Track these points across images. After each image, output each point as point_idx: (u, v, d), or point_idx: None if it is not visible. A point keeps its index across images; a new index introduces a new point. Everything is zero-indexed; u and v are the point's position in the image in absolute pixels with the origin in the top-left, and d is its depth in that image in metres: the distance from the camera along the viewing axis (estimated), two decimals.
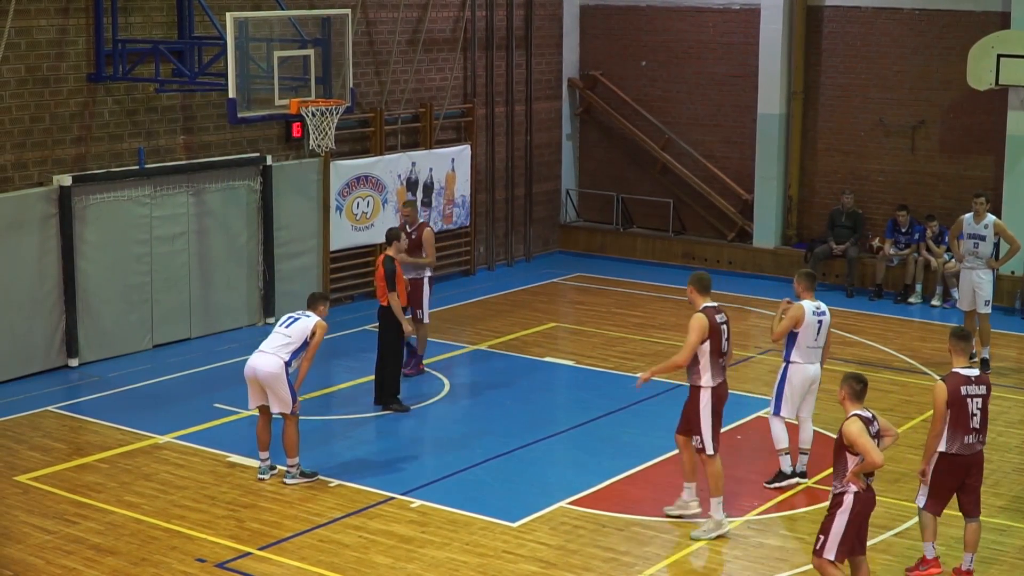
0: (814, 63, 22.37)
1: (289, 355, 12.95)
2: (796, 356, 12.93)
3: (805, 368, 12.94)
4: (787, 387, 12.98)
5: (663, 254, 23.66)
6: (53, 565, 11.32)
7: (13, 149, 16.39)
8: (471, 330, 19.23)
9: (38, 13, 16.44)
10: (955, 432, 10.57)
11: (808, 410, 13.18)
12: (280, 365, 12.89)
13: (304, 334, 13.01)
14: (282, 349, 12.98)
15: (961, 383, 10.60)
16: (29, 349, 16.59)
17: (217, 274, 18.39)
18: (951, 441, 10.61)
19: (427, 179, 21.47)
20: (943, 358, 17.71)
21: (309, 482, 13.10)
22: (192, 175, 18.17)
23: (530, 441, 14.50)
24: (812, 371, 12.99)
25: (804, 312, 12.82)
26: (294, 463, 13.11)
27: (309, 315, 13.21)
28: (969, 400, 10.57)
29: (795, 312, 12.84)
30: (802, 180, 22.76)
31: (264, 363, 12.93)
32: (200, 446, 14.13)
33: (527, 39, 23.41)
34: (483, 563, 11.41)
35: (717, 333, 11.74)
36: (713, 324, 11.75)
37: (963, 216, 17.41)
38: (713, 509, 11.91)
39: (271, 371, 12.88)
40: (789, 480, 13.15)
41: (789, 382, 12.98)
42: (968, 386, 10.59)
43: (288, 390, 12.91)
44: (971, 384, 10.61)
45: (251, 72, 16.41)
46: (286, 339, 13.02)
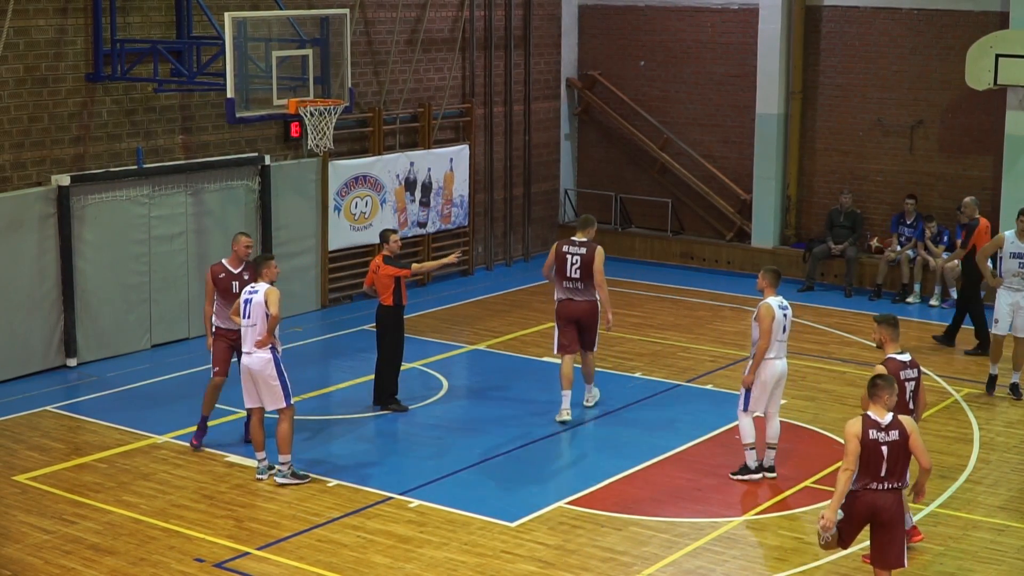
0: (813, 63, 22.37)
1: (269, 345, 12.83)
2: (767, 352, 13.12)
3: (774, 363, 13.16)
4: (756, 383, 13.16)
5: (662, 254, 23.66)
6: (51, 565, 11.32)
7: (11, 149, 16.39)
8: (469, 330, 19.23)
9: (36, 13, 16.44)
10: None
11: (776, 406, 13.36)
12: (267, 360, 12.83)
13: (262, 310, 12.83)
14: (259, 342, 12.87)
15: (899, 368, 10.95)
16: (27, 349, 16.59)
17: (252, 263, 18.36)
18: None
19: (426, 179, 21.46)
20: (944, 358, 17.74)
21: (300, 483, 13.05)
22: (190, 175, 18.17)
23: (528, 441, 14.50)
24: (781, 366, 13.23)
25: (772, 310, 13.07)
26: (286, 460, 13.06)
27: (256, 289, 12.97)
28: (906, 383, 10.98)
29: (765, 312, 13.07)
30: (801, 180, 22.76)
31: (253, 361, 12.90)
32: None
33: (526, 39, 23.41)
34: (481, 563, 11.41)
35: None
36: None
37: (1004, 233, 16.06)
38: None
39: (260, 367, 12.85)
40: (753, 475, 13.33)
41: (758, 378, 13.16)
42: (904, 370, 11.01)
43: (280, 382, 12.87)
44: (906, 368, 11.05)
45: (249, 72, 16.40)
46: (254, 329, 12.91)
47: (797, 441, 14.47)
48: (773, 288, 13.26)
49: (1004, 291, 15.92)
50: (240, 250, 14.01)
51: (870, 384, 9.96)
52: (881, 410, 9.88)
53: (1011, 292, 15.86)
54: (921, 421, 14.93)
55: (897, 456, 9.80)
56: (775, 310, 13.08)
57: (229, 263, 13.99)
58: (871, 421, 9.83)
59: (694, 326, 19.39)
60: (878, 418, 9.84)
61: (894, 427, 9.83)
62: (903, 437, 9.82)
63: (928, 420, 15.15)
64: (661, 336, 18.74)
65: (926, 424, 14.96)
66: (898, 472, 9.83)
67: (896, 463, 9.81)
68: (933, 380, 16.75)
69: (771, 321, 13.02)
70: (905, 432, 9.83)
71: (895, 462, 9.80)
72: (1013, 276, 15.84)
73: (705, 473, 13.54)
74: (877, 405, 9.90)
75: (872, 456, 9.78)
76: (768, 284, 13.26)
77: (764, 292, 13.28)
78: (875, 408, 9.90)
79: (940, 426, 15.03)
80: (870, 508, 9.83)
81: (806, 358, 17.61)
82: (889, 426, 9.82)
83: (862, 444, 9.78)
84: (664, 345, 18.17)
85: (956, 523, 12.29)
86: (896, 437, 9.80)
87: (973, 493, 13.03)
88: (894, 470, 9.81)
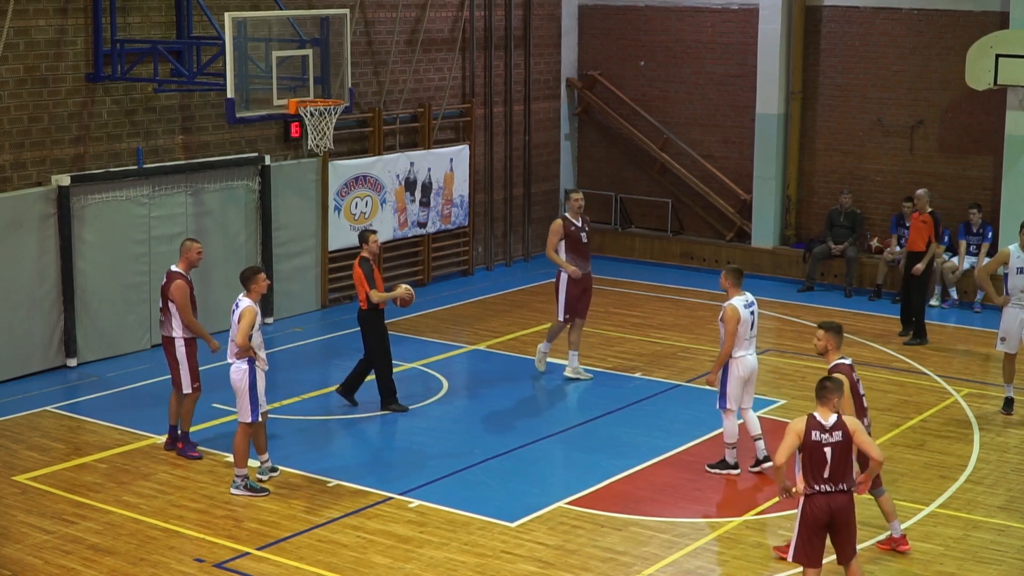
0: (813, 63, 22.37)
1: (246, 357, 12.73)
2: (736, 350, 13.26)
3: (746, 359, 13.32)
4: (731, 380, 13.32)
5: (661, 254, 23.66)
6: (51, 565, 11.32)
7: (11, 149, 16.39)
8: (469, 330, 19.23)
9: (36, 13, 16.44)
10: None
11: (749, 400, 13.54)
12: (243, 371, 12.70)
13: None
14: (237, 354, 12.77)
15: (851, 372, 11.34)
16: (27, 349, 16.59)
17: (215, 274, 18.36)
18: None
19: (425, 179, 21.46)
20: (944, 358, 17.75)
21: (256, 496, 12.82)
22: (190, 175, 18.17)
23: (528, 441, 14.50)
24: (752, 361, 13.43)
25: (738, 311, 13.19)
26: (242, 473, 12.87)
27: (239, 304, 12.85)
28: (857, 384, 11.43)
29: (731, 314, 13.18)
30: (800, 180, 22.76)
31: (231, 371, 12.80)
32: (199, 446, 14.10)
33: (526, 39, 23.41)
34: (481, 563, 11.40)
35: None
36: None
37: (1008, 248, 15.33)
38: None
39: (237, 378, 12.73)
40: (731, 470, 13.49)
41: (732, 375, 13.31)
42: (853, 373, 11.40)
43: (248, 398, 12.71)
44: (853, 372, 11.44)
45: (250, 72, 16.41)
46: (231, 342, 12.83)
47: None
48: (737, 287, 13.38)
49: (1012, 308, 15.23)
50: (192, 256, 13.87)
51: (819, 385, 10.04)
52: (827, 412, 9.95)
53: (1020, 309, 15.19)
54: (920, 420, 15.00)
55: (841, 457, 9.85)
56: (740, 311, 13.22)
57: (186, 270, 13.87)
58: (815, 422, 9.90)
59: (694, 326, 19.38)
60: (822, 419, 9.91)
61: (837, 428, 9.89)
62: (846, 437, 9.87)
63: (928, 420, 15.16)
64: (661, 336, 18.74)
65: (927, 424, 14.98)
66: (842, 473, 9.87)
67: (840, 464, 9.85)
68: (933, 380, 16.76)
69: (736, 323, 13.18)
70: (848, 432, 9.88)
71: (839, 463, 9.85)
72: (1021, 292, 15.14)
73: (705, 473, 13.54)
74: (824, 407, 9.98)
75: (815, 457, 9.84)
76: (732, 283, 13.38)
77: (728, 292, 13.38)
78: (821, 409, 9.98)
79: (940, 426, 15.03)
80: (826, 511, 9.88)
81: (806, 358, 17.60)
82: (833, 427, 9.88)
83: (804, 445, 9.86)
84: (664, 345, 18.17)
85: (956, 523, 12.29)
86: (839, 438, 9.86)
87: (973, 493, 13.03)
88: (838, 471, 9.85)
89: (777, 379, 16.79)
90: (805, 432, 9.85)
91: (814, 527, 9.93)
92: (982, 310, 20.06)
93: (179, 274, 13.78)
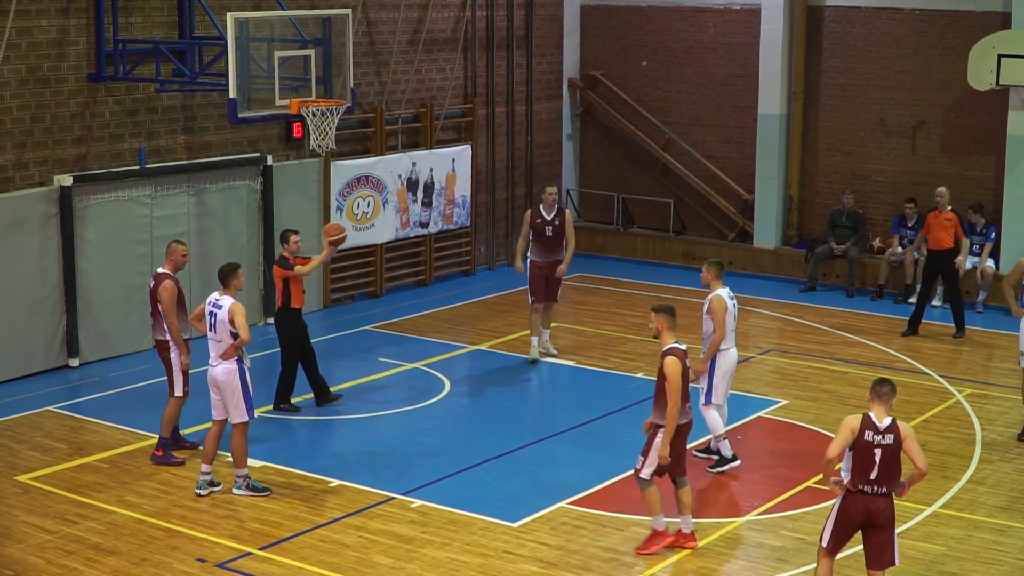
0: (815, 63, 22.37)
1: (235, 357, 12.63)
2: (722, 343, 13.34)
3: (730, 353, 13.44)
4: (717, 373, 13.40)
5: (664, 254, 23.66)
6: (54, 565, 11.33)
7: (14, 149, 16.40)
8: (471, 330, 19.23)
9: (39, 13, 16.45)
10: (683, 404, 11.64)
11: (726, 396, 13.64)
12: (232, 371, 12.60)
13: (227, 328, 12.62)
14: (224, 354, 12.66)
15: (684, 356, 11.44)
16: (30, 349, 16.60)
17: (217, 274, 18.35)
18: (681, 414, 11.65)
19: (428, 179, 21.47)
20: (944, 358, 17.75)
21: (259, 495, 12.76)
22: (193, 175, 18.18)
23: (530, 441, 14.50)
24: (735, 355, 13.56)
25: (724, 301, 13.29)
26: (243, 473, 12.82)
27: (221, 304, 12.76)
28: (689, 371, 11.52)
29: (717, 304, 13.26)
30: (803, 180, 22.76)
31: (219, 372, 12.67)
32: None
33: (528, 39, 23.41)
34: (483, 563, 11.41)
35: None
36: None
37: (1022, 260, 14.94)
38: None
39: (226, 378, 12.62)
40: (732, 463, 13.55)
41: (719, 369, 13.39)
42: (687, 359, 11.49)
43: (242, 396, 12.61)
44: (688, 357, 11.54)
45: (252, 72, 16.41)
46: (218, 343, 12.70)
47: (799, 441, 14.49)
48: (719, 280, 13.45)
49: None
50: (178, 258, 13.83)
51: (876, 385, 9.94)
52: (882, 412, 9.88)
53: None
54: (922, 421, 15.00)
55: (890, 460, 9.80)
56: (727, 301, 13.30)
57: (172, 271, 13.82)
58: (869, 422, 9.83)
59: (696, 327, 19.15)
60: (876, 420, 9.84)
61: (890, 431, 9.83)
62: (897, 442, 9.82)
63: (930, 421, 15.16)
64: None
65: (928, 424, 14.97)
66: (889, 477, 9.83)
67: (888, 467, 9.81)
68: (935, 380, 16.76)
69: (724, 313, 13.25)
70: (900, 436, 9.84)
71: (887, 466, 9.80)
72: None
73: (707, 473, 13.54)
74: (879, 407, 9.90)
75: (865, 457, 9.78)
76: (713, 276, 13.45)
77: (710, 285, 13.45)
78: (876, 409, 9.90)
79: (942, 427, 15.03)
80: (864, 512, 9.84)
81: (808, 358, 17.61)
82: (886, 430, 9.82)
83: (856, 444, 9.79)
84: None
85: (958, 524, 12.29)
86: (891, 441, 9.80)
87: (975, 494, 13.03)
88: (885, 474, 9.81)
89: (779, 379, 16.79)
90: (859, 431, 9.79)
91: (847, 525, 9.94)
92: (984, 310, 20.07)
93: (166, 275, 13.74)
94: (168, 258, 13.90)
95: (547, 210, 17.39)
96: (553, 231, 17.32)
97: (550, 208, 17.38)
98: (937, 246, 18.73)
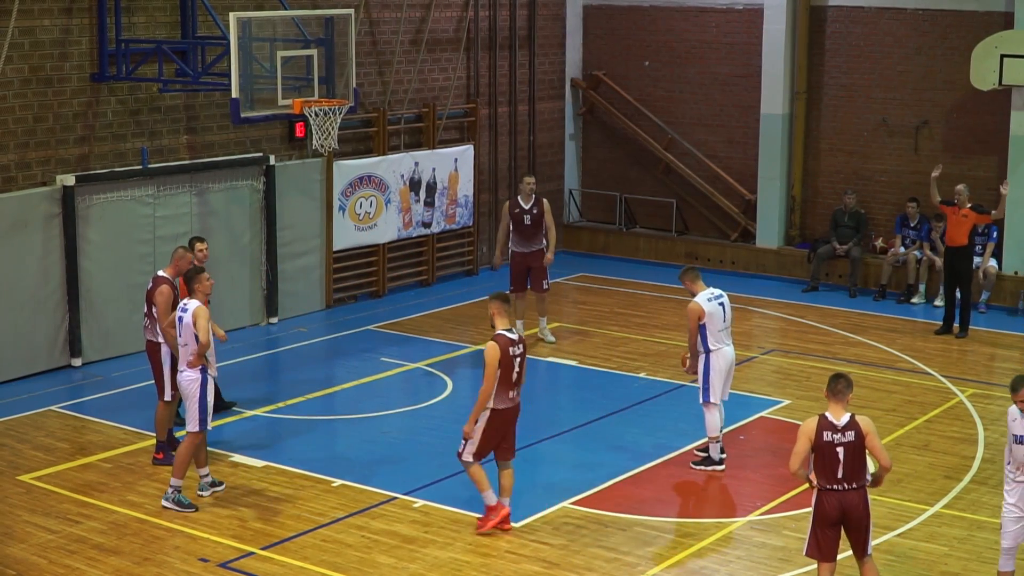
0: (817, 63, 22.37)
1: (199, 366, 12.40)
2: (712, 343, 13.39)
3: (723, 351, 13.44)
4: (712, 373, 13.40)
5: (666, 254, 23.65)
6: (56, 565, 11.33)
7: (17, 149, 16.40)
8: (474, 330, 19.23)
9: (41, 13, 16.45)
10: (502, 388, 11.74)
11: (726, 395, 13.63)
12: (193, 380, 12.38)
13: (191, 332, 12.38)
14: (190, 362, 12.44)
15: (509, 344, 11.72)
16: (32, 349, 16.60)
17: (220, 274, 18.35)
18: (498, 398, 11.76)
19: (430, 179, 21.47)
20: (946, 358, 17.74)
21: (184, 511, 12.43)
22: (195, 175, 18.19)
23: (533, 441, 14.48)
24: (730, 352, 13.54)
25: (700, 306, 13.31)
26: (176, 485, 12.48)
27: (187, 307, 12.48)
28: (515, 360, 11.75)
29: (693, 310, 13.33)
30: (805, 180, 22.75)
31: (182, 379, 12.51)
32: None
33: (530, 39, 23.41)
34: (486, 563, 11.41)
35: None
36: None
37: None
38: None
39: (186, 386, 12.43)
40: (716, 466, 13.56)
41: (713, 368, 13.40)
42: (514, 347, 11.75)
43: (198, 406, 12.37)
44: (514, 345, 11.76)
45: (254, 72, 16.40)
46: (184, 347, 12.48)
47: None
48: (697, 283, 13.52)
49: None
50: (183, 266, 13.57)
51: (831, 382, 9.94)
52: (839, 410, 9.87)
53: None
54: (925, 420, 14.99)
55: (854, 457, 9.79)
56: (704, 305, 13.31)
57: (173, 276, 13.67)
58: (826, 422, 9.83)
59: None
60: (834, 419, 9.83)
61: (850, 428, 9.81)
62: (859, 438, 9.80)
63: (933, 421, 15.16)
64: (665, 336, 18.73)
65: (930, 425, 14.96)
66: (856, 472, 9.82)
67: (853, 464, 9.79)
68: (937, 380, 16.75)
69: (697, 320, 13.29)
70: (861, 433, 9.82)
71: (852, 463, 9.78)
72: None
73: (709, 474, 13.54)
74: (836, 405, 9.90)
75: (827, 458, 9.78)
76: (691, 281, 13.55)
77: (693, 291, 13.52)
78: (833, 407, 9.90)
79: (945, 427, 15.02)
80: (839, 508, 9.84)
81: (810, 358, 17.60)
82: (845, 427, 9.81)
83: (816, 446, 9.79)
84: (668, 345, 18.15)
85: (961, 524, 12.29)
86: (852, 438, 9.79)
87: (978, 494, 13.02)
88: (851, 471, 9.80)
89: (781, 379, 16.79)
90: (816, 433, 9.78)
91: (827, 523, 9.91)
92: (987, 310, 20.05)
93: (165, 279, 13.59)
94: (173, 263, 13.76)
95: (525, 200, 17.96)
96: (531, 220, 17.87)
97: (528, 197, 17.94)
98: (952, 243, 18.71)
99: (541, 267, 18.02)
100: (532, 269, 17.97)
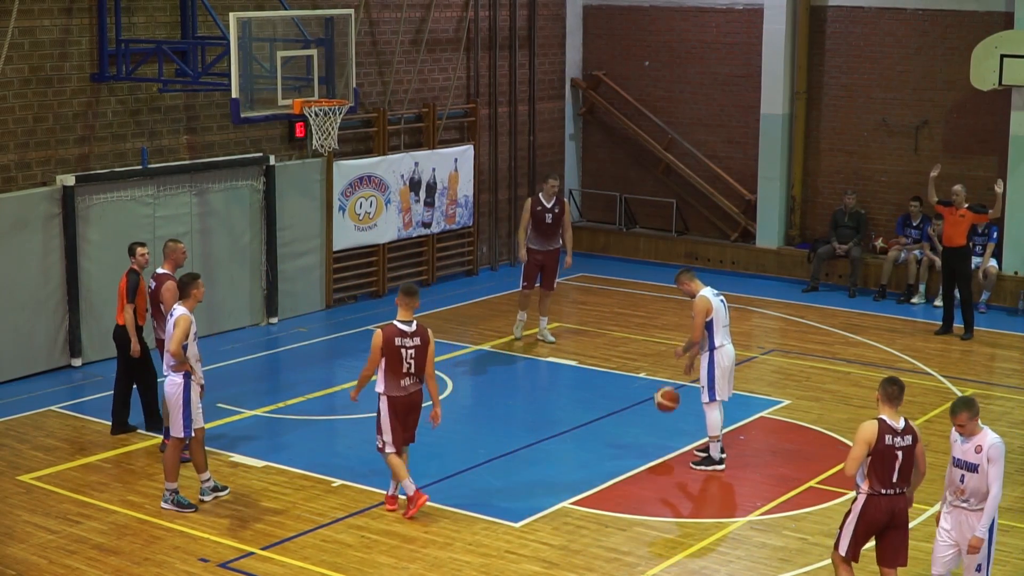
0: (817, 63, 22.37)
1: (183, 371, 12.30)
2: (719, 339, 13.46)
3: (726, 349, 13.52)
4: (717, 371, 13.45)
5: (666, 254, 23.65)
6: (56, 565, 11.33)
7: (17, 149, 16.40)
8: (474, 330, 19.23)
9: (41, 13, 16.45)
10: (391, 377, 12.11)
11: (728, 394, 13.66)
12: (177, 384, 12.28)
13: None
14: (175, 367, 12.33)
15: (396, 335, 12.12)
16: (32, 349, 16.60)
17: (220, 274, 18.39)
18: (389, 386, 12.15)
19: (430, 179, 21.47)
20: (946, 359, 17.74)
21: (184, 511, 12.43)
22: (195, 175, 18.18)
23: (533, 441, 14.50)
24: (732, 350, 13.62)
25: (709, 301, 13.39)
26: (172, 488, 12.48)
27: (174, 313, 12.40)
28: (403, 351, 12.10)
29: (702, 304, 13.38)
30: (805, 180, 22.75)
31: (165, 384, 12.46)
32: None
33: (530, 39, 23.41)
34: (486, 563, 11.41)
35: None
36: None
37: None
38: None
39: (169, 390, 12.36)
40: (716, 466, 13.58)
41: (719, 366, 13.45)
42: (403, 338, 12.13)
43: (181, 413, 12.30)
44: (405, 337, 12.15)
45: (254, 72, 16.40)
46: (167, 353, 12.41)
47: (802, 441, 14.48)
48: (694, 282, 13.60)
49: None
50: (179, 256, 13.65)
51: (886, 387, 9.88)
52: (894, 414, 9.87)
53: None
54: (924, 421, 14.99)
55: (908, 461, 9.83)
56: (711, 300, 13.40)
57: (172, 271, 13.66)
58: (887, 426, 9.79)
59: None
60: (893, 423, 9.83)
61: (907, 432, 9.84)
62: (915, 441, 9.84)
63: (933, 421, 15.14)
64: (665, 336, 18.73)
65: (930, 425, 14.96)
66: (906, 476, 9.86)
67: (906, 468, 9.84)
68: (937, 380, 16.75)
69: (704, 315, 13.34)
70: (916, 437, 9.87)
71: (906, 467, 9.83)
72: None
73: (709, 474, 13.54)
74: (891, 408, 9.88)
75: (886, 461, 9.76)
76: (688, 280, 13.64)
77: (692, 291, 13.58)
78: (888, 411, 9.88)
79: (945, 427, 14.95)
80: (888, 513, 9.83)
81: (811, 358, 17.60)
82: (903, 431, 9.82)
83: (875, 449, 9.74)
84: (668, 345, 18.14)
85: None
86: (910, 442, 9.81)
87: None
88: (904, 475, 9.84)
89: (782, 379, 16.79)
90: (877, 438, 9.74)
91: (873, 527, 9.92)
92: (987, 310, 20.04)
93: (167, 275, 13.62)
94: (168, 257, 13.83)
95: (547, 199, 18.16)
96: (552, 219, 18.10)
97: (550, 197, 18.15)
98: (950, 243, 18.69)
99: (555, 267, 18.25)
100: (546, 267, 18.19)
